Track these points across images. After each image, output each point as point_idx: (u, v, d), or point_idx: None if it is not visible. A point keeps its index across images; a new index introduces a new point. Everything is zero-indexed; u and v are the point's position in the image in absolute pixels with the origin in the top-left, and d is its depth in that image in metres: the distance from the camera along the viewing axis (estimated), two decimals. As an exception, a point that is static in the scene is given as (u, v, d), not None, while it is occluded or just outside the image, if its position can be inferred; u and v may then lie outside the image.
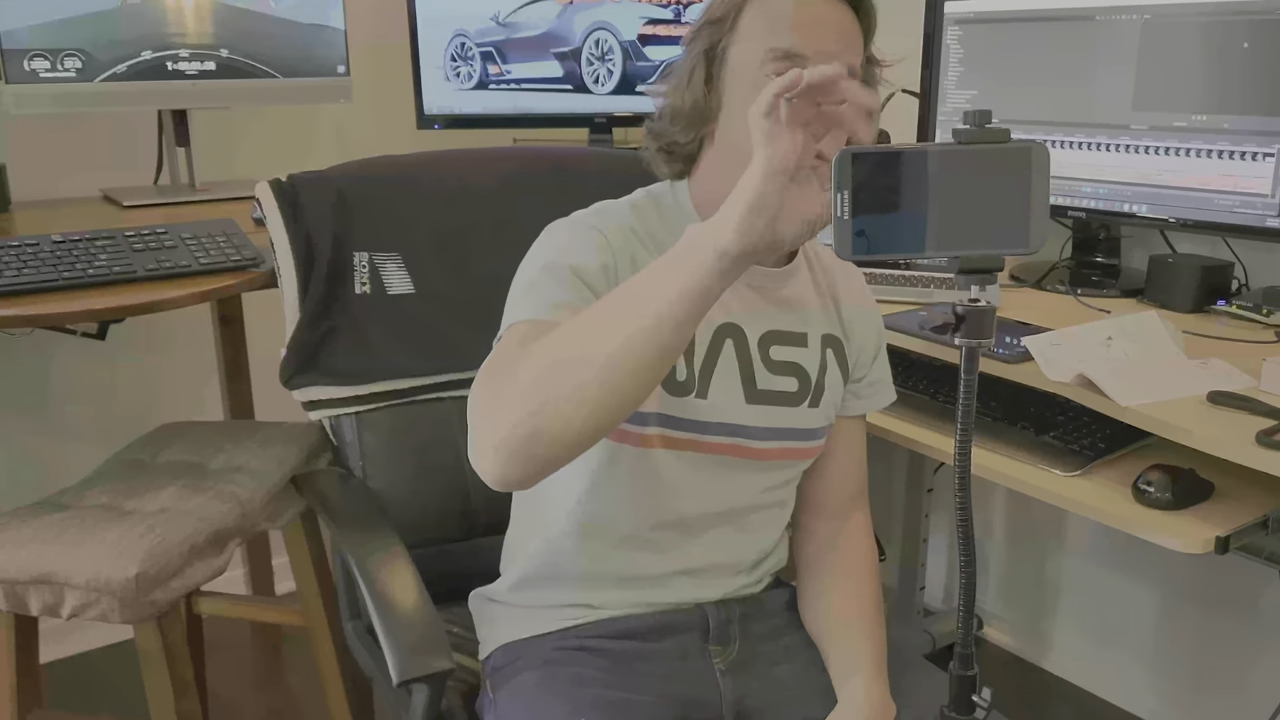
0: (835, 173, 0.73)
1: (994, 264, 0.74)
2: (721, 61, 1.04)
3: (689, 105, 1.06)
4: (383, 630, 1.09)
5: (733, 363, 1.10)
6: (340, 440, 1.43)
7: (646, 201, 1.12)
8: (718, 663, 1.15)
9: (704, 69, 1.05)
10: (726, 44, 1.04)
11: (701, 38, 1.05)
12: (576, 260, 1.01)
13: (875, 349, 1.23)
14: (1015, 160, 0.73)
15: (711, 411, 1.09)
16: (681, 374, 1.07)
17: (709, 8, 1.06)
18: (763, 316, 1.12)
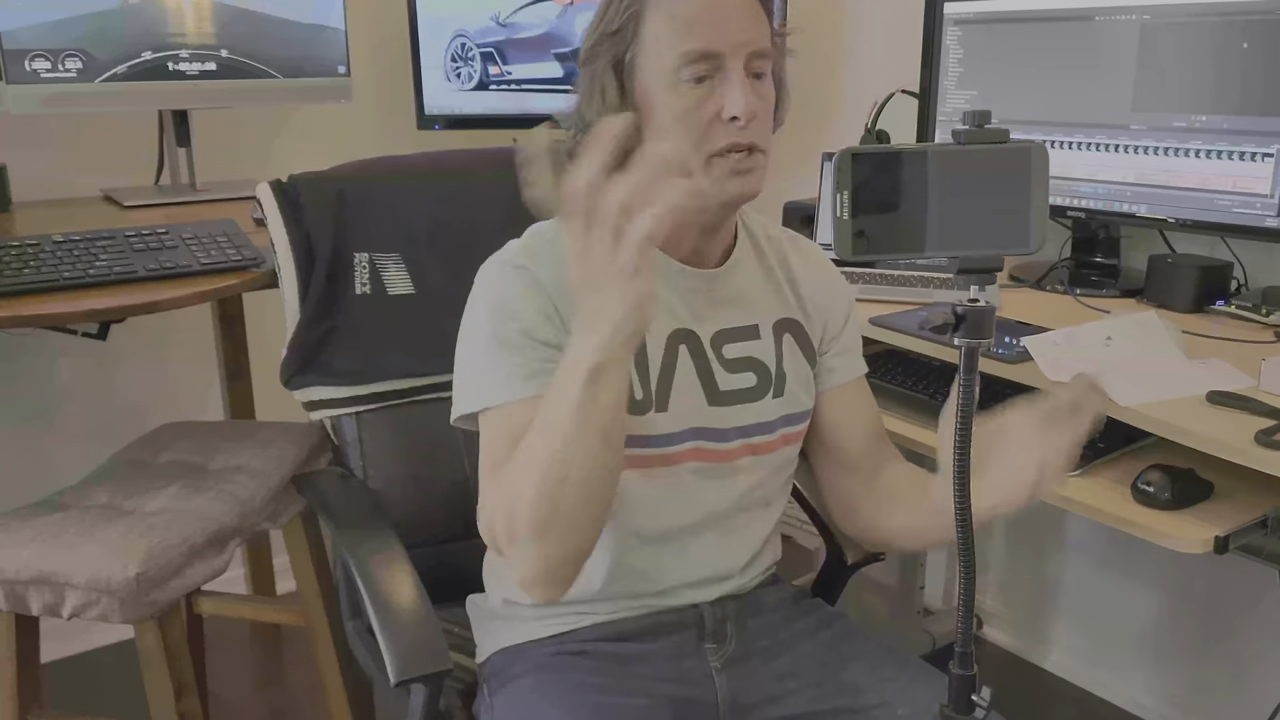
0: (835, 173, 0.73)
1: (994, 264, 0.74)
2: (631, 73, 1.02)
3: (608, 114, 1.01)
4: (381, 630, 1.09)
5: (690, 368, 1.10)
6: (341, 440, 1.43)
7: None
8: (713, 661, 1.14)
9: (615, 83, 1.02)
10: (633, 55, 1.01)
11: (602, 52, 1.02)
12: (521, 322, 1.02)
13: (845, 316, 1.21)
14: (1015, 160, 0.73)
15: (674, 422, 1.08)
16: (638, 393, 1.07)
17: (603, 19, 1.03)
18: (711, 316, 1.11)
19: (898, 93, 2.02)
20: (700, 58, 0.98)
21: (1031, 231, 0.73)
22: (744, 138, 1.00)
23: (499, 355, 1.02)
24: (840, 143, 2.31)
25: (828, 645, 1.17)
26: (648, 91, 1.01)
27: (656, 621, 1.14)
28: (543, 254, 1.06)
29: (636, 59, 1.01)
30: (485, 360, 1.03)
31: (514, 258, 1.06)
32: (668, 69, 0.99)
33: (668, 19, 0.99)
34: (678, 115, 0.99)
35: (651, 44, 1.00)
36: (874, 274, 1.79)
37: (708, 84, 0.99)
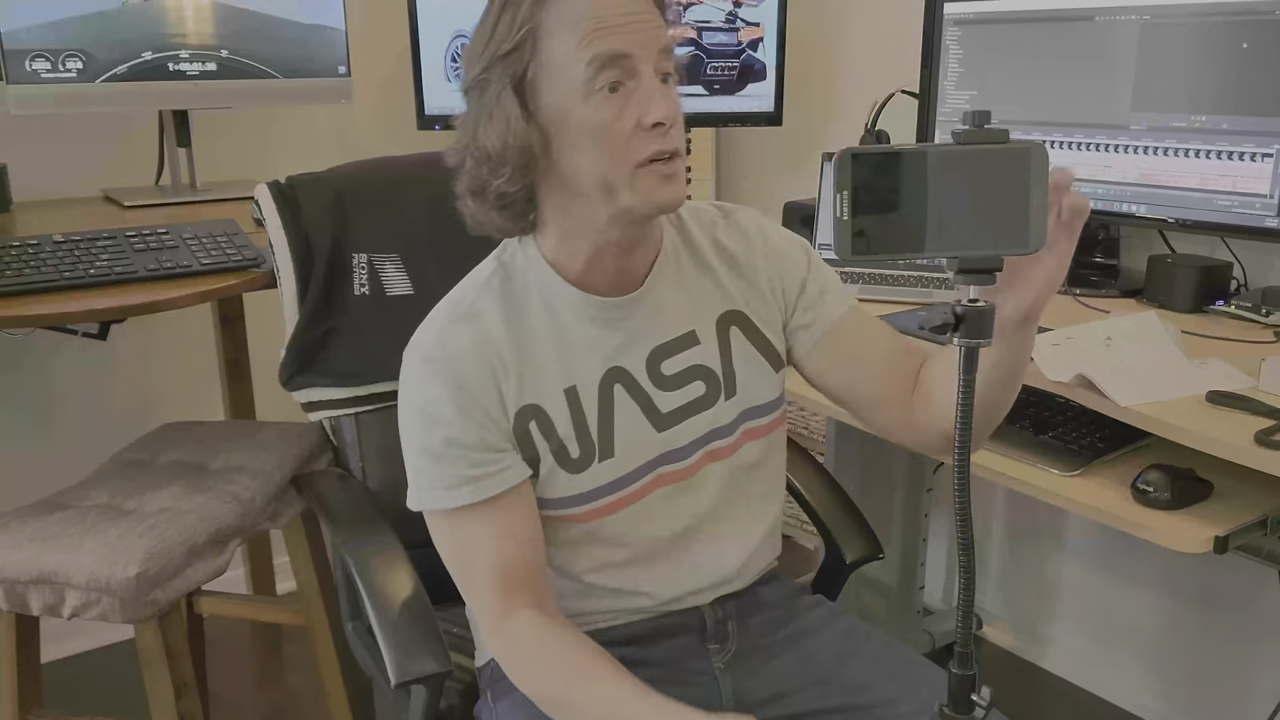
0: (835, 173, 0.73)
1: (993, 264, 0.74)
2: (534, 93, 0.96)
3: (513, 149, 0.96)
4: (380, 631, 1.09)
5: (629, 404, 1.07)
6: (340, 441, 1.43)
7: (497, 274, 1.06)
8: (716, 661, 1.15)
9: (518, 107, 0.96)
10: (533, 73, 0.95)
11: (495, 76, 0.96)
12: (445, 429, 1.01)
13: (801, 273, 1.14)
14: (1014, 161, 0.73)
15: (624, 464, 1.07)
16: (575, 452, 1.05)
17: (490, 41, 0.97)
18: (642, 338, 1.08)
19: (898, 93, 2.02)
20: (610, 62, 0.93)
21: (1031, 232, 0.73)
22: (668, 144, 0.96)
23: (428, 465, 1.02)
24: (840, 143, 2.31)
25: (830, 642, 1.17)
26: (558, 109, 0.96)
27: (657, 625, 1.14)
28: (459, 339, 1.02)
29: (539, 77, 0.95)
30: (415, 468, 1.04)
31: (431, 350, 1.03)
32: (578, 81, 0.94)
33: (569, 27, 0.94)
34: (595, 130, 0.94)
35: (555, 58, 0.95)
36: (874, 274, 1.79)
37: (622, 92, 0.94)
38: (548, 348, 1.05)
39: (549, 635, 1.02)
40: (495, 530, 1.02)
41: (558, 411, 1.05)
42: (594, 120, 0.94)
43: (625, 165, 0.95)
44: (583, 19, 0.94)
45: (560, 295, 1.05)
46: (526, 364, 1.04)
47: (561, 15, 0.94)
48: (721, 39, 2.21)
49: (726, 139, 2.59)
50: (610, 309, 1.06)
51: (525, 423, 1.04)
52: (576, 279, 1.04)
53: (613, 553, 1.10)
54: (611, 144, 0.95)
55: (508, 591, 1.02)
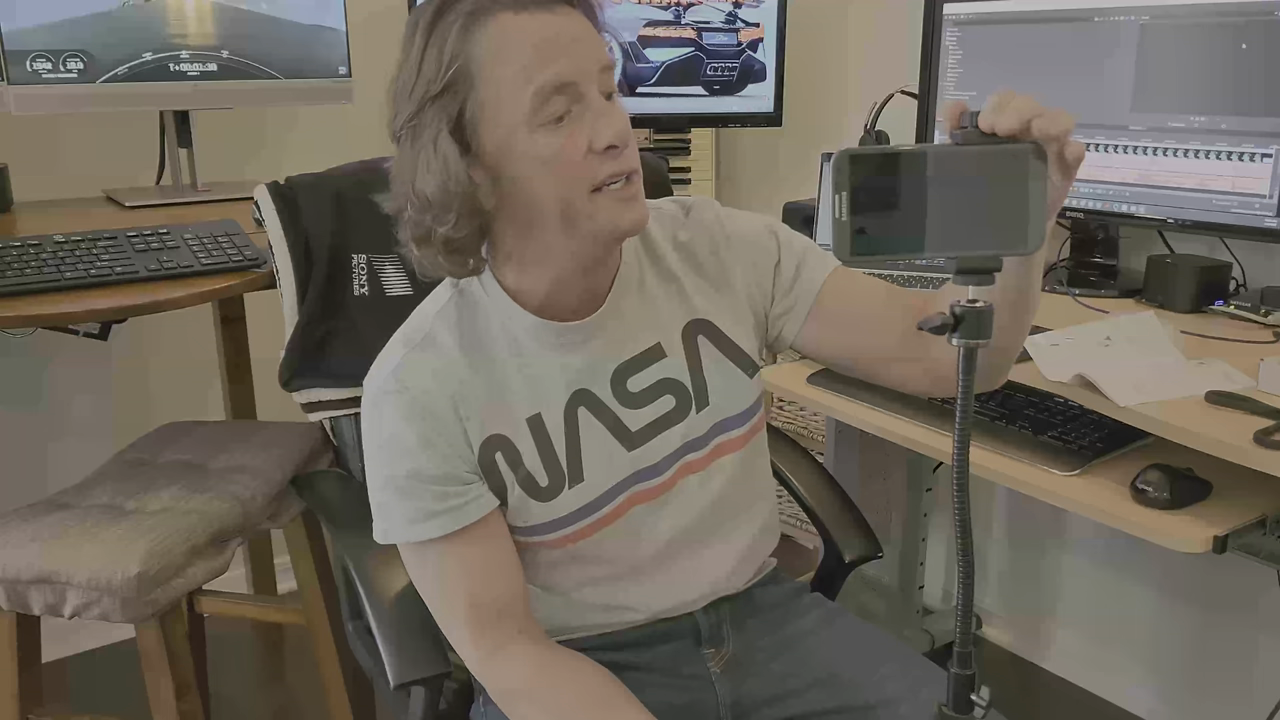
0: (834, 174, 0.73)
1: (992, 265, 0.74)
2: (474, 132, 0.91)
3: (456, 196, 0.91)
4: (380, 632, 1.09)
5: (596, 426, 1.04)
6: (341, 441, 1.43)
7: (454, 301, 1.03)
8: (712, 665, 1.14)
9: (455, 149, 0.91)
10: (471, 111, 0.91)
11: (429, 120, 0.91)
12: (409, 462, 0.98)
13: (772, 259, 1.10)
14: (1013, 161, 0.73)
15: (595, 487, 1.05)
16: (544, 480, 1.03)
17: (417, 80, 0.91)
18: (605, 357, 1.05)
19: (897, 93, 2.02)
20: (555, 91, 0.89)
21: (1030, 232, 0.73)
22: (623, 164, 0.92)
23: (392, 499, 1.00)
24: (840, 143, 2.32)
25: (830, 643, 1.16)
26: (503, 145, 0.91)
27: (652, 631, 1.13)
28: (420, 368, 1.00)
29: (478, 115, 0.91)
30: (378, 502, 1.02)
31: (387, 382, 1.00)
32: (522, 115, 0.89)
33: (505, 59, 0.89)
34: (545, 162, 0.90)
35: (493, 93, 0.90)
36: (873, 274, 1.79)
37: (568, 120, 0.90)
38: (509, 376, 1.02)
39: (546, 672, 1.01)
40: (467, 563, 1.01)
41: (523, 441, 1.03)
42: (543, 151, 0.90)
43: (581, 191, 0.92)
44: (520, 48, 0.89)
45: (520, 324, 1.02)
46: (488, 393, 1.01)
47: (495, 46, 0.89)
48: (721, 39, 2.21)
49: (726, 139, 2.59)
50: (571, 333, 1.02)
51: (491, 454, 1.02)
52: (537, 307, 1.01)
53: (596, 570, 1.09)
54: (565, 172, 0.91)
55: (486, 627, 1.01)
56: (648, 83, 2.20)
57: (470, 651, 1.02)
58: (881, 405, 1.52)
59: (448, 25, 0.91)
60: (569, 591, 1.10)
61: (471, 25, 0.90)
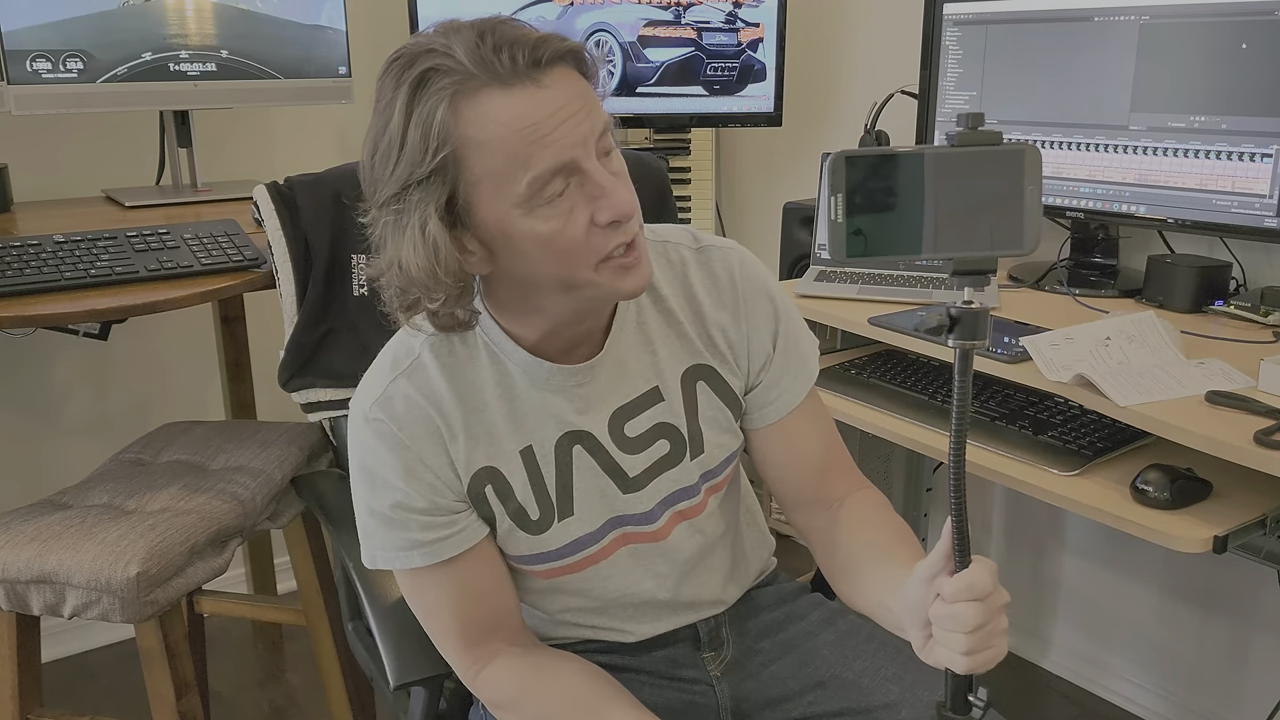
0: (830, 175, 0.73)
1: (988, 265, 0.74)
2: (467, 211, 0.86)
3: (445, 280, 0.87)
4: (379, 632, 1.09)
5: (591, 466, 1.02)
6: (340, 441, 1.43)
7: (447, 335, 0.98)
8: (712, 668, 1.14)
9: (445, 233, 0.85)
10: (464, 192, 0.85)
11: (415, 202, 0.84)
12: (391, 494, 0.96)
13: (769, 341, 1.07)
14: (1008, 162, 0.73)
15: (586, 522, 1.02)
16: (534, 513, 1.01)
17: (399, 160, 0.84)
18: (602, 401, 1.01)
19: (897, 93, 2.03)
20: (553, 175, 0.84)
21: (1026, 233, 0.73)
22: (625, 236, 0.88)
23: (377, 528, 0.99)
24: (840, 143, 2.32)
25: (830, 644, 1.16)
26: (497, 224, 0.86)
27: (649, 642, 1.13)
28: (402, 399, 0.97)
29: (470, 196, 0.85)
30: (364, 527, 1.01)
31: (373, 409, 0.97)
32: (518, 199, 0.84)
33: (495, 145, 0.83)
34: (545, 241, 0.86)
35: (486, 175, 0.84)
36: (873, 274, 1.79)
37: (568, 195, 0.85)
38: (497, 408, 0.99)
39: (533, 680, 1.00)
40: (454, 589, 1.00)
41: (514, 473, 1.00)
42: (543, 232, 0.86)
43: (584, 266, 0.88)
44: (509, 133, 0.83)
45: (512, 358, 0.98)
46: (476, 424, 0.98)
47: (484, 130, 0.83)
48: (721, 39, 2.21)
49: (726, 139, 2.59)
50: (567, 376, 0.99)
51: (481, 486, 0.99)
52: (531, 346, 0.98)
53: (585, 601, 1.09)
54: (566, 250, 0.86)
55: (474, 644, 1.01)
56: (647, 83, 2.20)
57: (461, 668, 1.03)
58: (881, 405, 1.52)
59: (431, 102, 0.83)
60: (556, 614, 1.11)
61: (458, 104, 0.83)
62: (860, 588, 1.02)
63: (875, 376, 1.61)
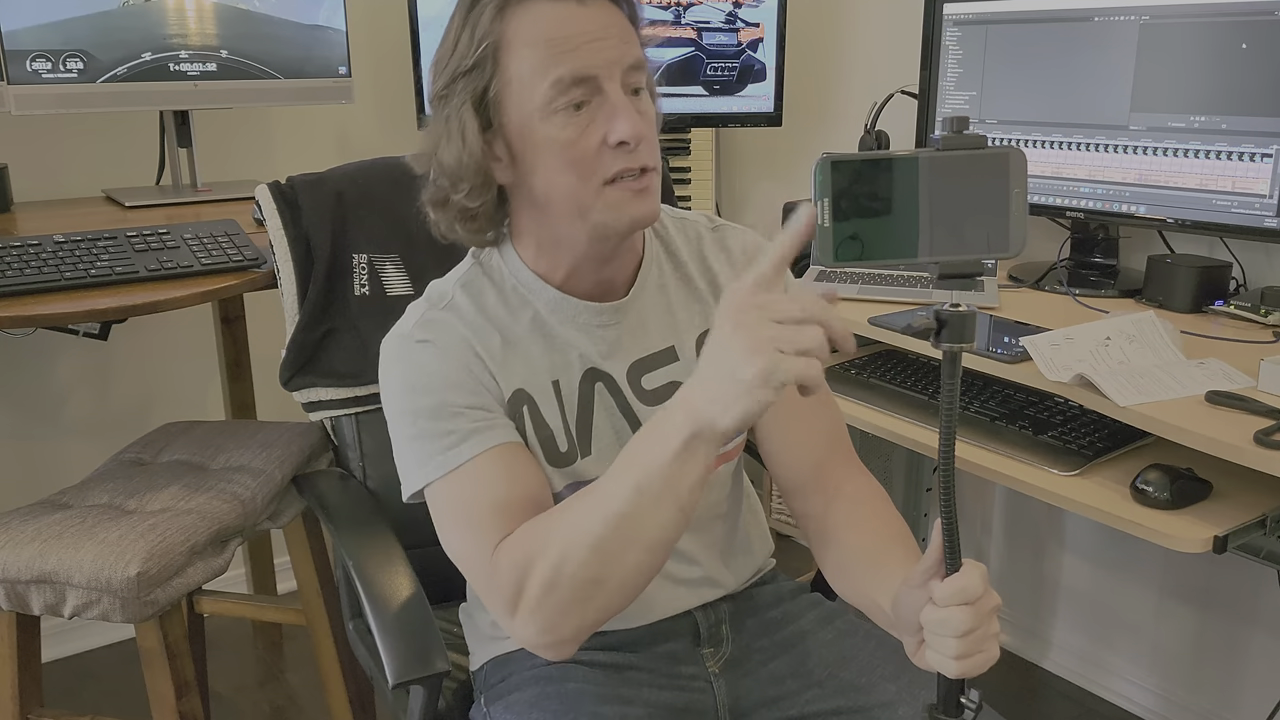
0: (816, 180, 0.73)
1: (974, 269, 0.74)
2: (498, 109, 0.95)
3: (468, 168, 0.96)
4: (379, 631, 1.10)
5: (610, 407, 1.06)
6: (340, 441, 1.43)
7: (477, 277, 1.06)
8: (711, 665, 1.14)
9: (475, 123, 0.94)
10: (496, 90, 0.94)
11: (457, 91, 0.95)
12: (435, 396, 0.98)
13: None
14: (993, 165, 0.73)
15: (600, 464, 1.02)
16: (563, 444, 1.05)
17: (452, 56, 0.95)
18: (624, 349, 1.06)
19: (897, 93, 2.03)
20: (574, 84, 0.92)
21: (1011, 235, 0.73)
22: (635, 160, 0.94)
23: (425, 431, 0.99)
24: (840, 144, 2.32)
25: (828, 643, 1.16)
26: (521, 126, 0.94)
27: (651, 631, 1.13)
28: (442, 323, 1.02)
29: (501, 94, 0.94)
30: (414, 438, 1.00)
31: (414, 331, 1.02)
32: (540, 101, 0.92)
33: (530, 46, 0.92)
34: (560, 148, 0.93)
35: (517, 75, 0.93)
36: (873, 274, 1.79)
37: (587, 110, 0.93)
38: (529, 344, 1.04)
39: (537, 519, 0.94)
40: (500, 475, 0.97)
41: (546, 403, 1.04)
42: (558, 138, 0.93)
43: (593, 183, 0.94)
44: (544, 38, 0.92)
45: (541, 296, 1.04)
46: (511, 354, 1.03)
47: (522, 32, 0.92)
48: (721, 39, 2.21)
49: (726, 139, 2.59)
50: (594, 314, 1.05)
51: (519, 406, 1.03)
52: (559, 284, 1.04)
53: None
54: (577, 162, 0.93)
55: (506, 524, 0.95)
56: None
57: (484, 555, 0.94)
58: (881, 405, 1.52)
59: (484, 6, 0.94)
60: None
61: (505, 8, 0.93)
62: (856, 586, 1.03)
63: (875, 376, 1.61)
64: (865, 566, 1.02)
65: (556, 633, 0.90)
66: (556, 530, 0.89)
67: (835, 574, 1.08)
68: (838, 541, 1.07)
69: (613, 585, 0.87)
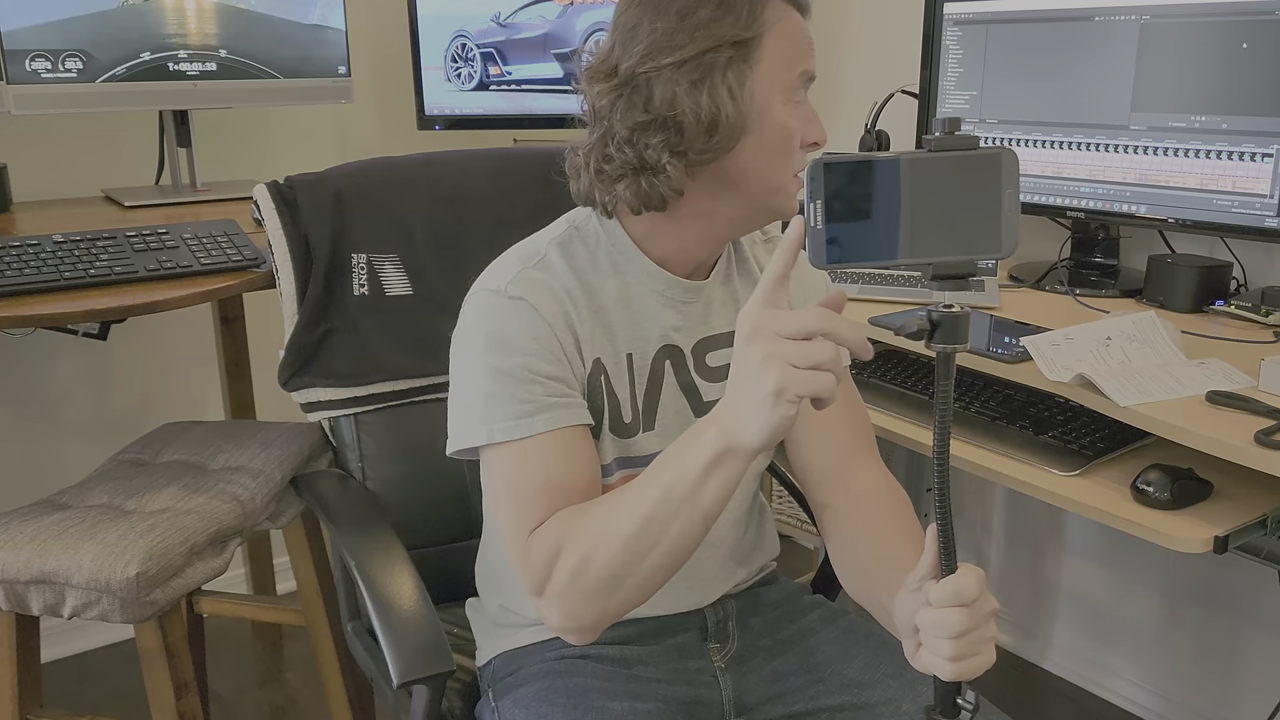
0: (808, 182, 0.73)
1: (966, 270, 0.74)
2: (741, 82, 0.98)
3: (711, 118, 0.97)
4: (382, 632, 1.09)
5: (674, 384, 1.10)
6: (340, 441, 1.43)
7: (570, 233, 1.07)
8: (717, 660, 1.15)
9: (726, 85, 0.97)
10: (752, 65, 0.98)
11: (722, 58, 0.97)
12: (524, 355, 0.99)
13: None
14: (985, 166, 0.73)
15: (662, 439, 1.07)
16: (628, 415, 1.07)
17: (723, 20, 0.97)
18: (695, 325, 1.11)
19: (898, 93, 2.02)
20: (809, 80, 1.02)
21: (1004, 236, 0.73)
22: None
23: (500, 391, 0.98)
24: (840, 143, 2.32)
25: (831, 641, 1.17)
26: (763, 105, 0.99)
27: (659, 625, 1.14)
28: (537, 282, 1.02)
29: (758, 70, 0.99)
30: (487, 395, 0.99)
31: (509, 287, 1.01)
32: (786, 85, 1.00)
33: (789, 39, 1.00)
34: (786, 134, 1.00)
35: (775, 59, 0.99)
36: (874, 274, 1.79)
37: (802, 107, 1.02)
38: (613, 310, 1.06)
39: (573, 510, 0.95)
40: (561, 456, 0.98)
41: (618, 373, 1.06)
42: (788, 125, 1.00)
43: (789, 170, 1.02)
44: (794, 35, 1.01)
45: (633, 264, 1.07)
46: (595, 322, 1.05)
47: (780, 25, 1.00)
48: (721, 39, 2.21)
49: (726, 139, 2.59)
50: (679, 289, 1.08)
51: (598, 375, 1.05)
52: (657, 259, 1.07)
53: None
54: (790, 150, 1.01)
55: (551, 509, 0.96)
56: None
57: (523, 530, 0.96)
58: (881, 405, 1.52)
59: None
60: None
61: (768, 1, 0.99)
62: (865, 586, 1.05)
63: (875, 376, 1.61)
64: (877, 568, 1.03)
65: (578, 620, 0.93)
66: (589, 523, 0.91)
67: (846, 571, 1.10)
68: (852, 541, 1.09)
69: (633, 582, 0.90)
